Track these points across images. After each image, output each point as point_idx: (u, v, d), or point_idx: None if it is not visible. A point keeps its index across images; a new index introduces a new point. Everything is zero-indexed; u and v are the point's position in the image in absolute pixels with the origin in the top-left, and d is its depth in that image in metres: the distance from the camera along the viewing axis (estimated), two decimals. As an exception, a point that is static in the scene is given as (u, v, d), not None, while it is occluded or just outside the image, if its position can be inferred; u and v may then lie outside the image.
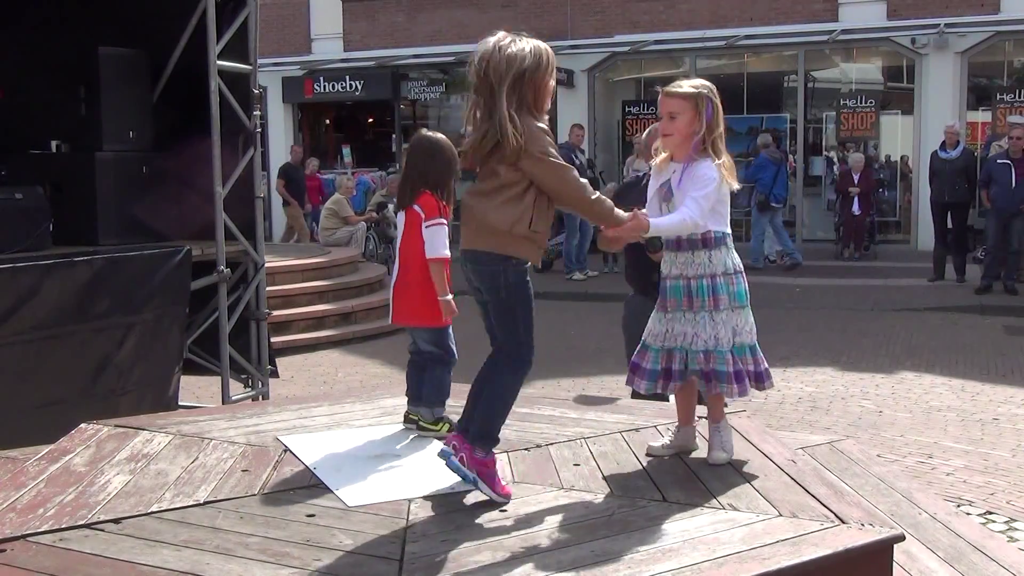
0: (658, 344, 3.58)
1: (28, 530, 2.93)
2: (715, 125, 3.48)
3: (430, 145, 4.06)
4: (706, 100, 3.45)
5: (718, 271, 3.50)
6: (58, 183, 6.27)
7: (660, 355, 3.57)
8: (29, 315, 4.99)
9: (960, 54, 16.70)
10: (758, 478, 3.39)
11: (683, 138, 3.49)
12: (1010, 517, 5.04)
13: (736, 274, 3.54)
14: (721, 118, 3.52)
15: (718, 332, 3.48)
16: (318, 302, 11.01)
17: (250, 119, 6.51)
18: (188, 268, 5.87)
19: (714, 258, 3.50)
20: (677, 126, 3.48)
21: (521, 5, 19.02)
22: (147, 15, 6.48)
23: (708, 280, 3.49)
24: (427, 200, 3.96)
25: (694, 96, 3.46)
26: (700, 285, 3.49)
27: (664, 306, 3.57)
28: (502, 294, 3.22)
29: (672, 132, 3.51)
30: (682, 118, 3.47)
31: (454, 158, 3.97)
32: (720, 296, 3.49)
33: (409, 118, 21.14)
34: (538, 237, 3.23)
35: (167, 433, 3.99)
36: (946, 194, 13.20)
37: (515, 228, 3.16)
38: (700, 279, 3.49)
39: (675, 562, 2.70)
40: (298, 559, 2.74)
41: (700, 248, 3.50)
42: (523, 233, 3.17)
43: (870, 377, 8.34)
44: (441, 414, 4.05)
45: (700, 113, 3.45)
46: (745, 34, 17.54)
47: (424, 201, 3.96)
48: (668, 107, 3.50)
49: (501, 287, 3.21)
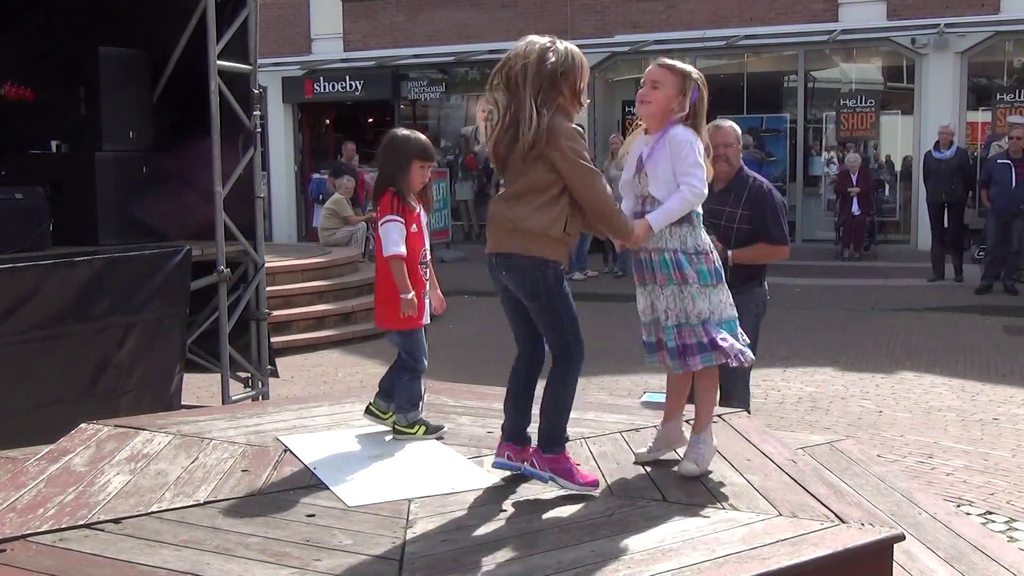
0: (645, 318, 3.52)
1: (28, 530, 2.93)
2: (700, 111, 3.40)
3: (387, 143, 3.99)
4: (693, 83, 3.37)
5: (677, 246, 3.37)
6: (58, 183, 6.27)
7: (651, 328, 3.49)
8: (29, 315, 4.99)
9: (960, 54, 16.69)
10: (758, 478, 3.39)
11: (659, 109, 3.38)
12: (1010, 517, 5.04)
13: (699, 253, 3.40)
14: (705, 110, 3.43)
15: (687, 306, 3.37)
16: (318, 302, 11.01)
17: (250, 119, 6.51)
18: (188, 268, 5.87)
19: (673, 233, 3.37)
20: (656, 95, 3.37)
21: (521, 5, 19.01)
22: (147, 15, 6.48)
23: (671, 255, 3.37)
24: (384, 199, 3.89)
25: (682, 73, 3.37)
26: (663, 259, 3.38)
27: (640, 280, 3.50)
28: (543, 299, 3.24)
29: (650, 100, 3.39)
30: (664, 90, 3.36)
31: (406, 150, 3.89)
32: (686, 271, 3.36)
33: (409, 118, 21.13)
34: (570, 240, 3.26)
35: (167, 433, 3.99)
36: (942, 194, 13.23)
37: (551, 231, 3.19)
38: (662, 252, 3.38)
39: (675, 562, 2.70)
40: (298, 559, 2.74)
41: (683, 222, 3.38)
42: (558, 236, 3.21)
43: (870, 377, 8.34)
44: (416, 418, 3.98)
45: (685, 93, 3.35)
46: (745, 34, 17.53)
47: (382, 200, 3.90)
48: (653, 75, 3.39)
49: (542, 292, 3.23)
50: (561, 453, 3.26)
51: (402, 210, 3.86)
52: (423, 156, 3.93)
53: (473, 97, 20.34)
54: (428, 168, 3.96)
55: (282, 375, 7.59)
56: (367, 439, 3.98)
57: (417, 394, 3.99)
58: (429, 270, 4.03)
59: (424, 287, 3.96)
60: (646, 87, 3.42)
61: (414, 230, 3.90)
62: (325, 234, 14.99)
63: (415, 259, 3.90)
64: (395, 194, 3.88)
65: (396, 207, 3.86)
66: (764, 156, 16.28)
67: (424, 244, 3.97)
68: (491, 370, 8.37)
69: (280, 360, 7.63)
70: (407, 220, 3.87)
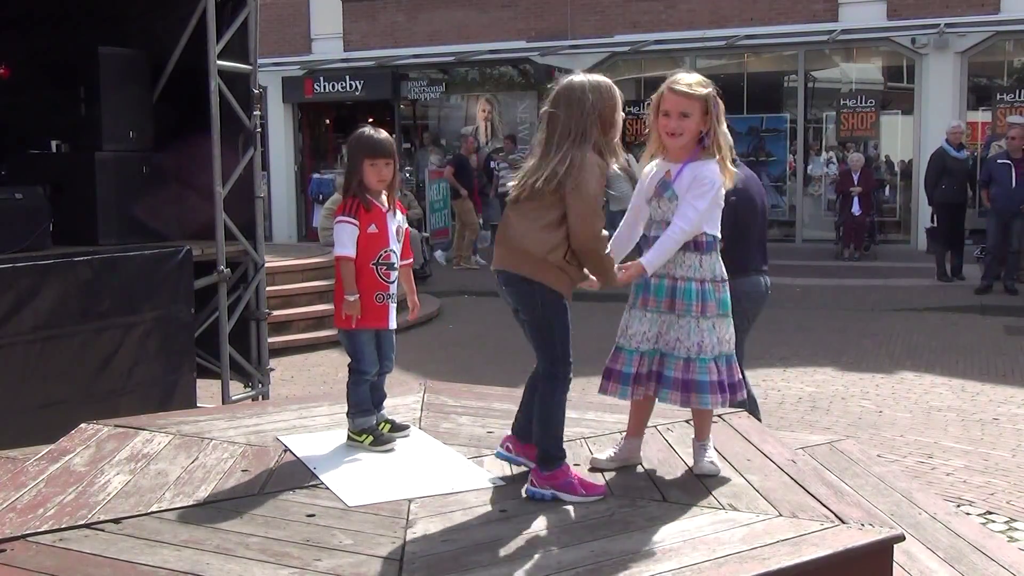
0: (633, 345, 3.43)
1: (28, 530, 2.93)
2: (721, 119, 3.40)
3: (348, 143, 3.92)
4: (714, 99, 3.38)
5: (707, 276, 3.38)
6: (58, 183, 6.27)
7: (634, 358, 3.43)
8: (29, 315, 4.99)
9: (960, 54, 16.69)
10: (758, 478, 3.39)
11: (691, 140, 3.37)
12: (1010, 517, 5.04)
13: (723, 281, 3.43)
14: (723, 115, 3.43)
15: (703, 339, 3.35)
16: (318, 302, 11.00)
17: (250, 119, 6.51)
18: (189, 268, 5.87)
19: (704, 263, 3.38)
20: (687, 126, 3.35)
21: (521, 5, 19.01)
22: (147, 15, 6.49)
23: (697, 284, 3.37)
24: (345, 200, 3.86)
25: (704, 98, 3.35)
26: (688, 288, 3.36)
27: (645, 303, 3.42)
28: (539, 310, 3.22)
29: (682, 132, 3.36)
30: (694, 118, 3.35)
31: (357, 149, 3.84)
32: (709, 303, 3.37)
33: (409, 118, 21.14)
34: (571, 270, 3.21)
35: (167, 433, 3.99)
36: (958, 194, 13.22)
37: (551, 255, 3.16)
38: (689, 282, 3.37)
39: (675, 562, 2.70)
40: (298, 559, 2.74)
41: (692, 251, 3.38)
42: (557, 262, 3.16)
43: (870, 377, 8.34)
44: (364, 425, 3.83)
45: (708, 113, 3.36)
46: (745, 34, 17.53)
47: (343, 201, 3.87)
48: (680, 106, 3.35)
49: (538, 303, 3.21)
50: (559, 468, 3.25)
51: (357, 211, 3.78)
52: (372, 153, 3.79)
53: (473, 97, 20.35)
54: (383, 165, 3.80)
55: (282, 375, 7.59)
56: (367, 439, 3.98)
57: (364, 399, 3.86)
58: (396, 272, 3.88)
59: (386, 289, 3.84)
60: (674, 119, 3.36)
61: (372, 231, 3.79)
62: (325, 234, 14.98)
63: (366, 260, 3.80)
64: (353, 195, 3.82)
65: (351, 208, 3.79)
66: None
67: (387, 245, 3.83)
68: (491, 370, 8.38)
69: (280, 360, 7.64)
70: (363, 221, 3.78)
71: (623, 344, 3.47)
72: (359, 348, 3.85)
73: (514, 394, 5.19)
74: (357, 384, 3.86)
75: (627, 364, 3.44)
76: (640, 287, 3.46)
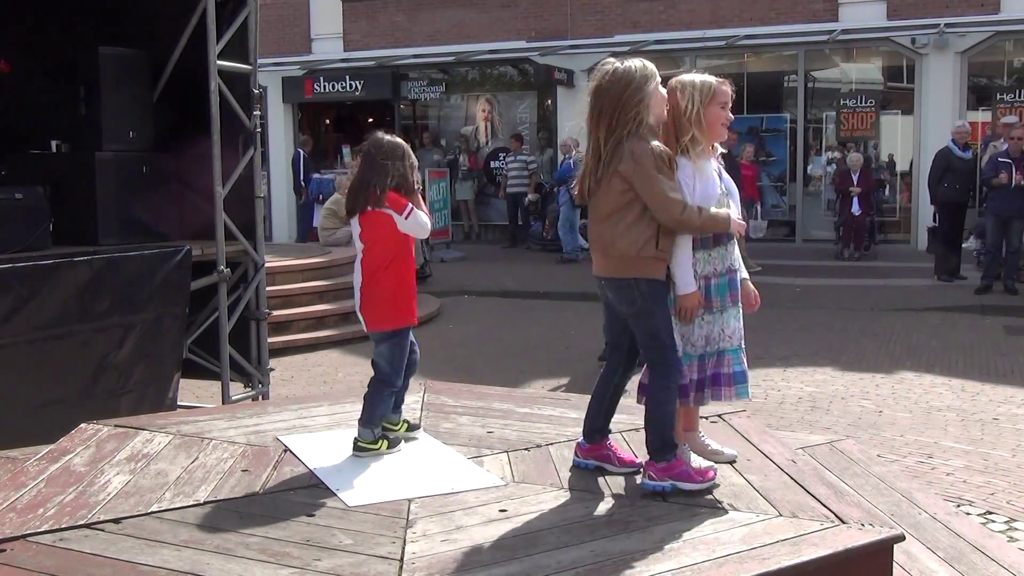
0: (710, 346, 3.46)
1: (28, 530, 2.93)
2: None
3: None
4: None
5: (734, 265, 3.49)
6: (58, 183, 6.26)
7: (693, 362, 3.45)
8: (29, 315, 4.99)
9: (960, 54, 16.69)
10: (758, 478, 3.39)
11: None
12: (1010, 517, 5.03)
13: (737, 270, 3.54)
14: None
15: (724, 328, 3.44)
16: (318, 302, 11.00)
17: (250, 119, 6.51)
18: (188, 268, 5.87)
19: (730, 250, 3.47)
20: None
21: (521, 5, 19.00)
22: (147, 15, 6.48)
23: (728, 275, 3.46)
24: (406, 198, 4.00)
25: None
26: (723, 283, 3.44)
27: (710, 306, 3.43)
28: (639, 303, 3.27)
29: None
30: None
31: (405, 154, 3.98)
32: (735, 291, 3.47)
33: (409, 118, 21.13)
34: (665, 256, 3.28)
35: (167, 433, 3.99)
36: (960, 193, 13.22)
37: (643, 251, 3.22)
38: (722, 275, 3.45)
39: (675, 562, 2.70)
40: (298, 559, 2.74)
41: (726, 241, 3.45)
42: (651, 255, 3.24)
43: (870, 377, 8.33)
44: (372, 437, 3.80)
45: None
46: (745, 34, 17.53)
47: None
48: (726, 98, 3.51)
49: (636, 297, 3.26)
50: (675, 460, 3.28)
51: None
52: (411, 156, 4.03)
53: (473, 97, 20.34)
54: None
55: (282, 375, 7.59)
56: (367, 439, 3.98)
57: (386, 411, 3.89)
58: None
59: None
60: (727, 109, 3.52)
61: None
62: (325, 234, 14.99)
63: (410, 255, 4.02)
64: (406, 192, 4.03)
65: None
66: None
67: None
68: (491, 370, 8.38)
69: (280, 360, 7.64)
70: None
71: (694, 353, 3.48)
72: (402, 355, 3.87)
73: (514, 394, 5.19)
74: (384, 397, 3.85)
75: (693, 371, 3.46)
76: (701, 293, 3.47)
